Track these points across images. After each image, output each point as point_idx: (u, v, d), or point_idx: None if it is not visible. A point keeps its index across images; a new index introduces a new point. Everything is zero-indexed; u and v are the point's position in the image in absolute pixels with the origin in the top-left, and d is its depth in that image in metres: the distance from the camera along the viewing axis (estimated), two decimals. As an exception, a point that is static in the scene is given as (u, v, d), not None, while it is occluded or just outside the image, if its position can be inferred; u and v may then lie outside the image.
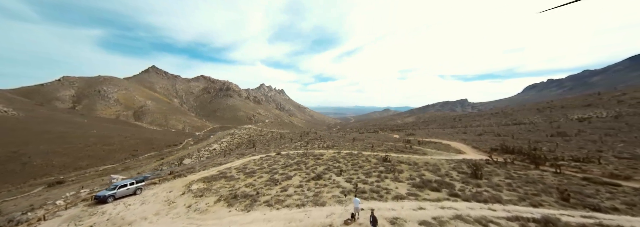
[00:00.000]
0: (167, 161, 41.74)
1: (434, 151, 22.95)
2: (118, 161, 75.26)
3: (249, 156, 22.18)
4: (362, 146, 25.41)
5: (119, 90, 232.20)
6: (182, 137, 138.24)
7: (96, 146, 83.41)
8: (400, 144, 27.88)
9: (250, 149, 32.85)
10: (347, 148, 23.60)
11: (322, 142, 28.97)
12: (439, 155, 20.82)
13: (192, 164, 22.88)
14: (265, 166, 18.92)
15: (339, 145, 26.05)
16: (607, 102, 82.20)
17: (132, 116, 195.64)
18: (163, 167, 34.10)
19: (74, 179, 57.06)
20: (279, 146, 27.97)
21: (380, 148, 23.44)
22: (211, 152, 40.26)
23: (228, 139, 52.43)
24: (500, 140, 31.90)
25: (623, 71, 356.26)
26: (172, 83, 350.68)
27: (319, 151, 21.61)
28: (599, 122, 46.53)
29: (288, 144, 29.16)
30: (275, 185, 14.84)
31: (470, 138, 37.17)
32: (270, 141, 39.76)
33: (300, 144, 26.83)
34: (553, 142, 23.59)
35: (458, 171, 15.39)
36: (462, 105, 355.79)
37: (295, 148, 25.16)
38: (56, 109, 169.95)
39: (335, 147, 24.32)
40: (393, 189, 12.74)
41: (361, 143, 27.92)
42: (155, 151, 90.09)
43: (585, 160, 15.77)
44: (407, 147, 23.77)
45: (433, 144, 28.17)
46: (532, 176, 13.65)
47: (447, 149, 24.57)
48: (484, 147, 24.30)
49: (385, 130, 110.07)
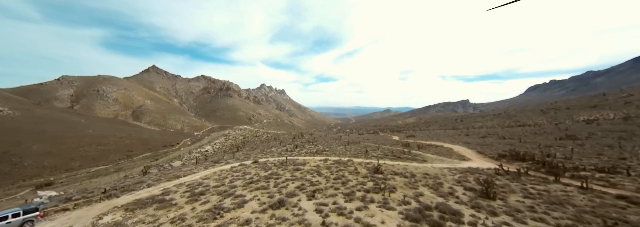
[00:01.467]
0: (158, 163, 40.02)
1: (435, 157, 20.94)
2: (112, 161, 73.67)
3: (222, 164, 19.42)
4: (355, 150, 23.34)
5: (119, 89, 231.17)
6: (180, 137, 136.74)
7: (90, 147, 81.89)
8: (398, 148, 25.89)
9: (231, 154, 29.93)
10: (338, 153, 21.37)
11: (314, 145, 26.77)
12: (441, 162, 18.76)
13: (140, 179, 18.49)
14: (225, 183, 15.29)
15: (330, 149, 24.10)
16: (614, 103, 80.00)
17: (131, 116, 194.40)
18: (152, 169, 32.46)
19: (64, 180, 55.45)
20: (264, 150, 25.80)
21: (375, 153, 21.31)
22: (203, 154, 38.48)
23: (222, 140, 50.58)
24: (506, 144, 30.00)
25: (627, 72, 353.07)
26: (172, 83, 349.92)
27: (304, 158, 19.19)
28: (608, 125, 44.50)
29: (276, 147, 26.97)
30: (213, 219, 10.63)
31: (473, 141, 35.25)
32: (261, 144, 37.31)
33: (288, 148, 24.73)
34: (566, 147, 21.64)
35: (464, 186, 12.94)
36: (464, 106, 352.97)
37: (279, 154, 22.74)
38: (54, 108, 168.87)
39: (325, 153, 22.17)
40: (378, 224, 9.39)
41: (356, 147, 25.90)
42: (151, 151, 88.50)
43: (611, 170, 13.71)
44: (406, 152, 21.77)
45: (434, 148, 26.22)
46: (555, 194, 11.30)
47: (450, 154, 22.58)
48: (489, 152, 22.30)
49: (385, 131, 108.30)
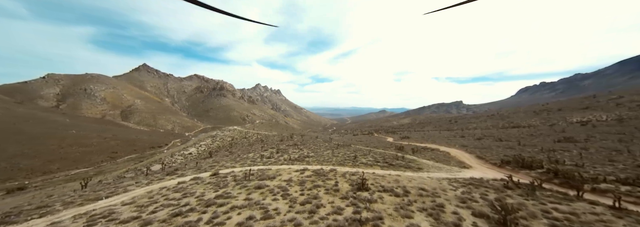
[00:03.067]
0: (136, 167, 37.41)
1: (432, 163, 19.03)
2: (93, 163, 70.08)
3: (174, 176, 15.06)
4: (343, 156, 20.80)
5: (107, 88, 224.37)
6: (170, 137, 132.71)
7: (71, 148, 77.94)
8: (391, 153, 23.88)
9: (201, 160, 26.62)
10: (323, 160, 18.47)
11: (299, 149, 24.22)
12: (438, 170, 16.60)
13: (47, 202, 10.89)
14: (143, 215, 9.36)
15: (315, 155, 21.49)
16: (605, 105, 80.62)
17: (119, 116, 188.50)
18: (127, 174, 30.00)
19: (39, 184, 52.03)
20: (240, 156, 22.83)
21: (365, 159, 18.86)
22: (186, 157, 36.16)
23: (208, 142, 48.10)
24: (505, 147, 28.74)
25: (613, 75, 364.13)
26: (164, 82, 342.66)
27: (278, 168, 15.55)
28: (603, 126, 44.02)
29: (255, 152, 24.27)
30: None
31: (470, 144, 33.95)
32: (243, 147, 34.37)
33: (268, 154, 22.04)
34: (570, 151, 20.23)
35: (472, 209, 8.87)
36: (457, 107, 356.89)
37: (253, 161, 19.15)
38: (37, 107, 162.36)
39: (307, 159, 19.16)
40: None
41: (344, 151, 23.42)
42: (137, 152, 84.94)
43: (638, 183, 11.82)
44: (399, 158, 19.73)
45: (430, 153, 24.36)
46: (586, 218, 8.25)
47: (447, 159, 20.77)
48: (490, 157, 20.62)
49: (379, 132, 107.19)
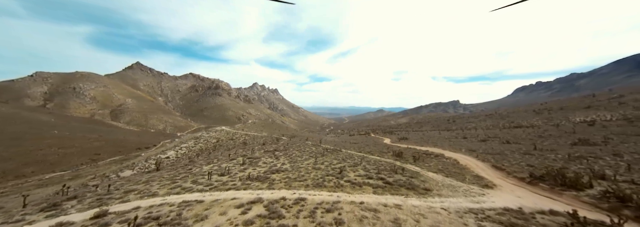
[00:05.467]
0: (104, 174, 33.74)
1: (440, 178, 14.60)
2: (72, 166, 65.83)
3: (37, 218, 9.41)
4: (326, 168, 15.97)
5: (97, 87, 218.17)
6: (160, 138, 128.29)
7: (50, 149, 73.54)
8: (388, 161, 19.39)
9: (144, 174, 20.59)
10: (295, 177, 13.48)
11: (275, 158, 19.91)
12: (453, 192, 11.63)
13: None
14: None
15: (291, 166, 16.74)
16: (608, 104, 78.35)
17: (109, 115, 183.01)
18: (93, 181, 26.37)
19: (7, 190, 47.86)
20: (194, 169, 18.09)
21: (354, 174, 14.35)
22: (162, 162, 32.63)
23: (190, 144, 44.37)
24: (518, 151, 25.62)
25: (609, 74, 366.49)
26: (158, 81, 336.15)
27: (216, 199, 10.75)
28: (614, 127, 41.32)
29: (215, 163, 19.53)
30: None
31: (477, 147, 30.86)
32: (217, 153, 30.23)
33: (230, 166, 17.24)
34: (604, 159, 16.93)
35: None
36: (455, 106, 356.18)
37: (195, 182, 14.29)
38: (23, 106, 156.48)
39: (274, 178, 13.69)
40: None
41: (331, 159, 18.98)
42: (122, 154, 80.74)
43: None
44: (398, 170, 15.36)
45: (434, 160, 20.40)
46: None
47: (459, 170, 16.52)
48: (509, 166, 16.67)
49: (377, 132, 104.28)
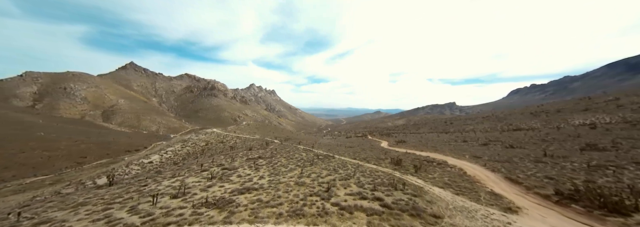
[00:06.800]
0: (80, 180, 31.26)
1: (450, 197, 11.98)
2: (56, 170, 62.73)
3: None
4: (311, 183, 12.96)
5: (89, 87, 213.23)
6: (152, 140, 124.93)
7: (34, 152, 70.28)
8: (386, 171, 16.90)
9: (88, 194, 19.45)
10: (270, 199, 10.58)
11: (255, 168, 16.66)
12: (470, 221, 9.25)
13: None
14: None
15: (270, 181, 13.31)
16: (606, 106, 78.02)
17: (100, 116, 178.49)
18: (66, 188, 24.09)
19: (-18, 196, 44.89)
20: (167, 180, 14.75)
21: (345, 192, 11.28)
22: (143, 167, 30.25)
23: (177, 148, 41.95)
24: (527, 157, 24.09)
25: (601, 77, 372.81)
26: (152, 81, 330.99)
27: None
28: (617, 130, 40.29)
29: (183, 175, 15.78)
30: None
31: (481, 153, 29.34)
32: (204, 157, 27.21)
33: (196, 181, 13.25)
34: (627, 168, 15.41)
35: None
36: (451, 108, 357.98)
37: (132, 210, 7.05)
38: (10, 107, 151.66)
39: (240, 201, 10.44)
40: None
41: (320, 170, 15.83)
42: (110, 157, 77.74)
43: None
44: (398, 185, 12.50)
45: (438, 170, 18.12)
46: None
47: (467, 183, 14.10)
48: (525, 178, 14.38)
49: (374, 133, 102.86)
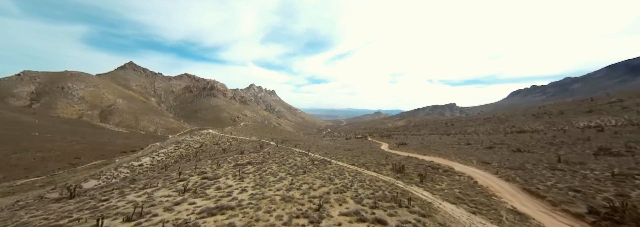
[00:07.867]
0: (67, 183, 29.84)
1: (465, 217, 10.01)
2: (49, 171, 61.19)
3: None
4: (304, 196, 10.67)
5: (87, 87, 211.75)
6: (149, 140, 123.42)
7: (27, 153, 68.75)
8: (389, 180, 14.89)
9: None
10: (254, 220, 8.21)
11: (240, 177, 14.27)
12: None
13: None
14: None
15: (252, 196, 10.89)
16: (610, 108, 76.70)
17: (98, 116, 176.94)
18: (52, 192, 22.73)
19: (-32, 199, 43.35)
20: (134, 192, 12.07)
21: (342, 209, 9.41)
22: (133, 170, 28.86)
23: (169, 150, 40.55)
24: (542, 164, 22.71)
25: (601, 78, 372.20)
26: (151, 81, 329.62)
27: None
28: (628, 133, 38.96)
29: (169, 182, 13.80)
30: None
31: (488, 157, 27.97)
32: (189, 162, 25.69)
33: (166, 194, 11.12)
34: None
35: None
36: (451, 109, 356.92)
37: None
38: (6, 107, 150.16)
39: (209, 224, 7.94)
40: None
41: (313, 179, 13.69)
42: (105, 158, 76.19)
43: None
44: (402, 201, 10.39)
45: (445, 178, 16.20)
46: None
47: (482, 196, 12.02)
48: (546, 189, 12.39)
49: (373, 135, 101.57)
